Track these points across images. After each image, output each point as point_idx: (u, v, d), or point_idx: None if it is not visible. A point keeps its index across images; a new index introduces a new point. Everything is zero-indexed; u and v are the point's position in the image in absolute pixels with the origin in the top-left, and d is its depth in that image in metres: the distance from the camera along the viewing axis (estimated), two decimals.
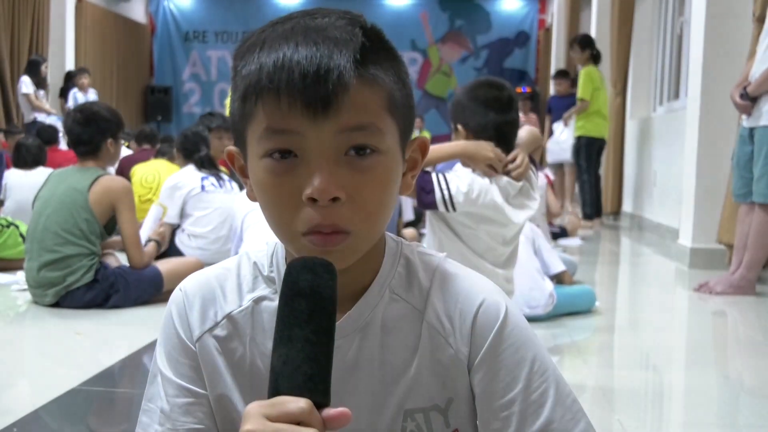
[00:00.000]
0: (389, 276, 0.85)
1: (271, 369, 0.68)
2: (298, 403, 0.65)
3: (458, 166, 2.21)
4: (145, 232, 4.18)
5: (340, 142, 0.76)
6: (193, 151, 4.63)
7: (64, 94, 9.78)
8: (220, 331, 0.86)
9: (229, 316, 0.86)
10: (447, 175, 2.14)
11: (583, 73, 7.42)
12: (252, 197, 0.84)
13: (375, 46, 0.78)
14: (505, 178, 2.17)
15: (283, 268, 0.86)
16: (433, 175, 2.14)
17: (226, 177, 4.72)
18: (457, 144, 2.20)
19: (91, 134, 3.42)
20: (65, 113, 3.64)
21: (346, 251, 0.78)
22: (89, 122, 3.43)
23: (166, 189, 4.56)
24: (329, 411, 0.66)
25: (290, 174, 0.76)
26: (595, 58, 7.41)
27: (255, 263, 0.89)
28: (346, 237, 0.77)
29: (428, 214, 2.28)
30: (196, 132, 4.76)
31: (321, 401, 0.67)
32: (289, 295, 0.70)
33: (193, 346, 0.86)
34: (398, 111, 0.80)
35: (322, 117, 0.74)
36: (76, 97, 9.31)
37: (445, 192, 2.12)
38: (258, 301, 0.86)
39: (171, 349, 0.87)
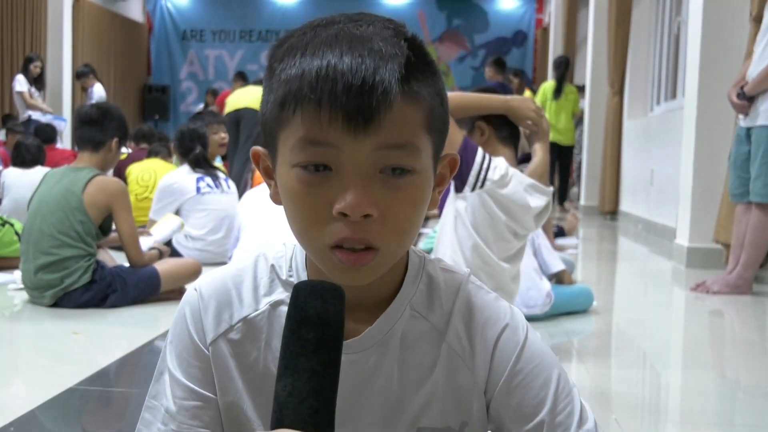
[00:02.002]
0: (411, 293, 0.85)
1: (275, 399, 0.67)
2: None
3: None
4: (156, 236, 4.12)
5: (376, 158, 0.74)
6: (189, 149, 4.56)
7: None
8: (234, 335, 0.85)
9: (245, 320, 0.85)
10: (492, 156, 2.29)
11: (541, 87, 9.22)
12: (276, 200, 0.82)
13: (419, 61, 0.76)
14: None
15: (303, 273, 0.85)
16: (479, 148, 2.25)
17: (222, 176, 4.66)
18: (501, 98, 2.36)
19: (101, 125, 3.45)
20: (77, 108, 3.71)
21: (373, 268, 0.77)
22: (105, 115, 3.48)
23: (160, 191, 4.51)
24: None
25: (322, 186, 0.74)
26: (562, 75, 8.96)
27: (273, 266, 0.87)
28: (375, 254, 0.76)
29: (449, 201, 2.36)
30: (194, 129, 4.67)
31: None
32: (296, 321, 0.68)
33: (206, 350, 0.85)
34: (435, 128, 0.79)
35: (362, 132, 0.72)
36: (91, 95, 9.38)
37: (486, 163, 2.21)
38: (275, 305, 0.85)
39: (182, 350, 0.86)
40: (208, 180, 4.52)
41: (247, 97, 6.68)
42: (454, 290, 0.86)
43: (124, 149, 7.49)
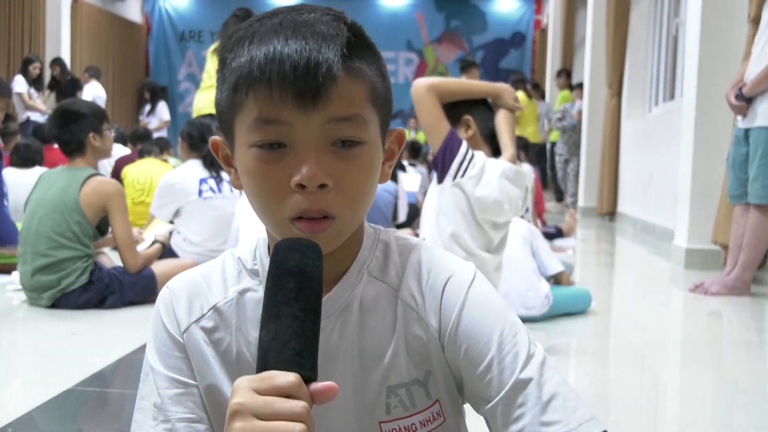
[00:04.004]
0: (368, 260, 0.89)
1: (260, 345, 0.70)
2: (287, 377, 0.67)
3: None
4: (155, 231, 4.08)
5: (327, 132, 0.79)
6: (199, 141, 4.45)
7: (64, 92, 9.62)
8: (206, 323, 0.89)
9: (215, 308, 0.90)
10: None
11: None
12: (237, 185, 0.87)
13: (359, 42, 0.82)
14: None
15: (266, 261, 0.89)
16: (464, 142, 2.39)
17: (227, 178, 4.55)
18: (488, 84, 2.59)
19: (71, 133, 3.39)
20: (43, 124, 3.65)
21: (331, 235, 0.82)
22: (66, 122, 3.41)
23: (162, 187, 4.42)
24: (317, 385, 0.69)
25: (279, 162, 0.79)
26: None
27: (239, 258, 0.92)
28: (332, 222, 0.81)
29: (430, 193, 2.42)
30: (204, 122, 4.56)
31: (309, 376, 0.68)
32: (278, 273, 0.72)
33: (181, 338, 0.89)
34: (380, 103, 0.84)
35: (311, 108, 0.78)
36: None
37: (468, 155, 2.34)
38: (243, 292, 0.90)
39: (160, 343, 0.90)
40: (212, 183, 4.40)
41: None
42: (406, 253, 0.91)
43: (124, 148, 7.44)
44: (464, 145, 2.35)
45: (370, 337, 0.87)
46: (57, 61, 9.58)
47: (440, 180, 2.38)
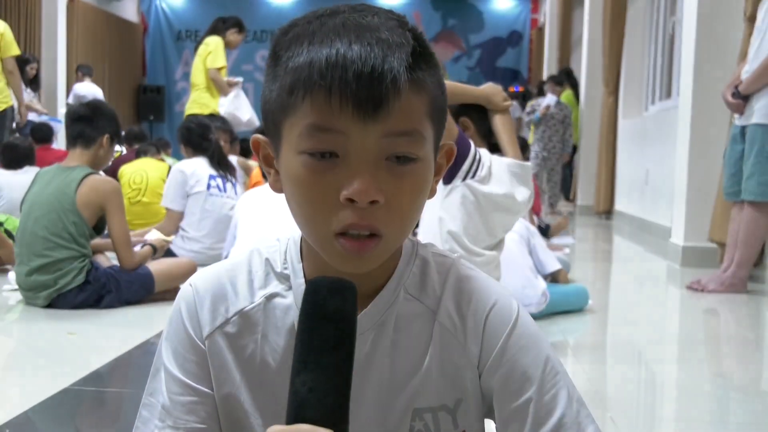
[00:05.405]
0: (404, 276, 0.85)
1: (293, 394, 0.67)
2: None
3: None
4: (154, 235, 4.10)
5: (383, 146, 0.75)
6: (200, 141, 4.45)
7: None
8: (230, 328, 0.85)
9: (241, 313, 0.85)
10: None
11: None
12: (277, 189, 0.82)
13: (423, 52, 0.78)
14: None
15: (297, 266, 0.86)
16: (472, 143, 2.37)
17: (233, 180, 4.56)
18: (475, 90, 2.55)
19: (92, 123, 3.41)
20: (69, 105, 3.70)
21: (376, 255, 0.78)
22: (95, 111, 3.46)
23: (172, 174, 4.39)
24: None
25: (329, 173, 0.75)
26: (573, 86, 9.54)
27: (267, 259, 0.87)
28: (378, 241, 0.77)
29: (436, 194, 2.39)
30: (200, 122, 4.57)
31: (343, 429, 0.67)
32: (315, 318, 0.68)
33: (202, 344, 0.85)
34: (437, 117, 0.80)
35: (371, 119, 0.73)
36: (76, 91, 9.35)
37: (477, 156, 2.31)
38: (270, 297, 0.86)
39: (178, 345, 0.86)
40: (219, 181, 4.41)
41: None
42: (445, 272, 0.87)
43: (117, 147, 7.41)
44: (473, 146, 2.32)
45: (403, 356, 0.84)
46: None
47: (447, 181, 2.33)
